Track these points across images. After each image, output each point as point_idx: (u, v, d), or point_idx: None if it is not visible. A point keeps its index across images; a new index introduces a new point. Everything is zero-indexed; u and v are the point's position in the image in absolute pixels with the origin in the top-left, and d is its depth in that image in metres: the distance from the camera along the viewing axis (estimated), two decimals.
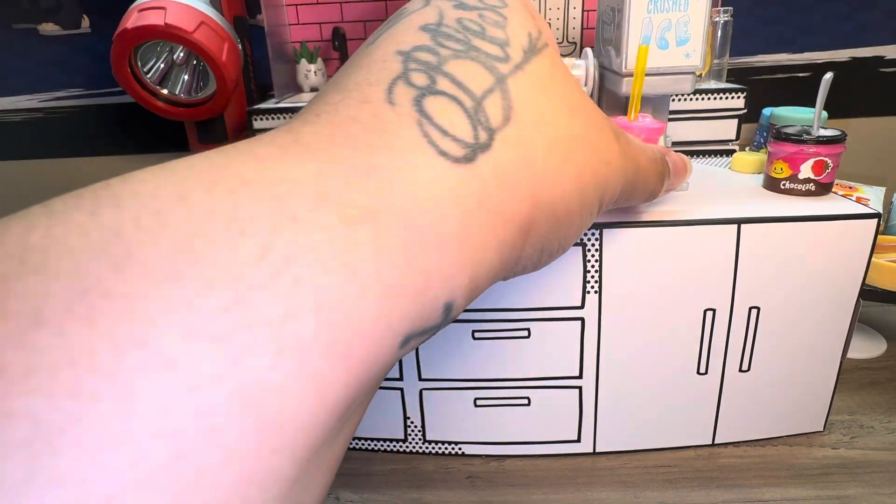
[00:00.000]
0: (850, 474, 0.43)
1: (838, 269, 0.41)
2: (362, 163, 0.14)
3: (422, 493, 0.43)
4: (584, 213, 0.21)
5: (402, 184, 0.14)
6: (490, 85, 0.18)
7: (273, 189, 0.12)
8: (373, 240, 0.13)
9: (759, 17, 0.85)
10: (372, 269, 0.13)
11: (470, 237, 0.16)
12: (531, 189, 0.18)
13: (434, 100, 0.16)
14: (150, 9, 0.87)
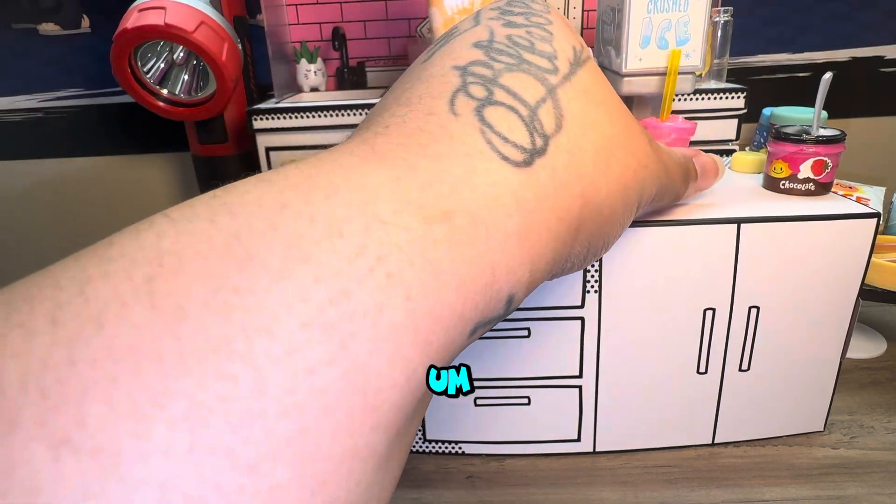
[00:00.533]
0: (849, 474, 0.43)
1: (838, 268, 0.41)
2: (434, 169, 0.15)
3: (422, 493, 0.43)
4: (626, 212, 0.23)
5: (471, 186, 0.16)
6: (543, 95, 0.19)
7: (360, 195, 0.14)
8: (448, 237, 0.14)
9: (759, 17, 0.85)
10: (448, 264, 0.14)
11: (529, 235, 0.17)
12: (581, 190, 0.19)
13: (493, 109, 0.18)
14: (150, 9, 0.87)
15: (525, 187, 0.17)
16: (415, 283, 0.13)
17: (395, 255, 0.13)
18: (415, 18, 1.29)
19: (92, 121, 1.35)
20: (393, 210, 0.14)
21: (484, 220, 0.15)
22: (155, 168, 1.40)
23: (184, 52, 1.05)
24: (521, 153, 0.17)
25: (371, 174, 0.14)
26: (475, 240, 0.15)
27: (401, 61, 1.30)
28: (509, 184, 0.17)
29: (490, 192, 0.16)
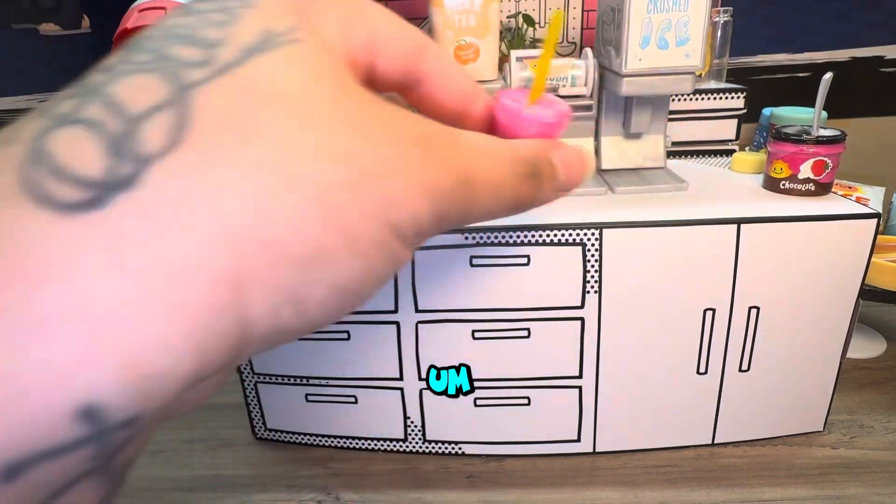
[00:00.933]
0: (849, 474, 0.43)
1: (838, 268, 0.41)
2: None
3: (422, 493, 0.43)
4: (361, 251, 0.16)
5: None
6: (161, 99, 0.13)
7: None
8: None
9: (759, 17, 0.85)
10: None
11: (102, 309, 0.12)
12: (227, 229, 0.13)
13: (64, 133, 0.13)
14: (150, 9, 0.87)
15: (80, 239, 0.12)
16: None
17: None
18: (415, 18, 1.29)
19: None
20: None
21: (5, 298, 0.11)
22: None
23: None
24: (81, 191, 0.12)
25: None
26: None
27: None
28: (51, 237, 0.12)
29: (17, 254, 0.11)
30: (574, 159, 0.27)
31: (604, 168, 0.52)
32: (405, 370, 0.45)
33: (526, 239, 0.40)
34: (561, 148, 0.27)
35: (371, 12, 0.20)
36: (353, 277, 0.17)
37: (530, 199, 0.25)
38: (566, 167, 0.27)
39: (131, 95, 0.13)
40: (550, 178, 0.26)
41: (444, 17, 0.43)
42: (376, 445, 0.48)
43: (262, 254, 0.14)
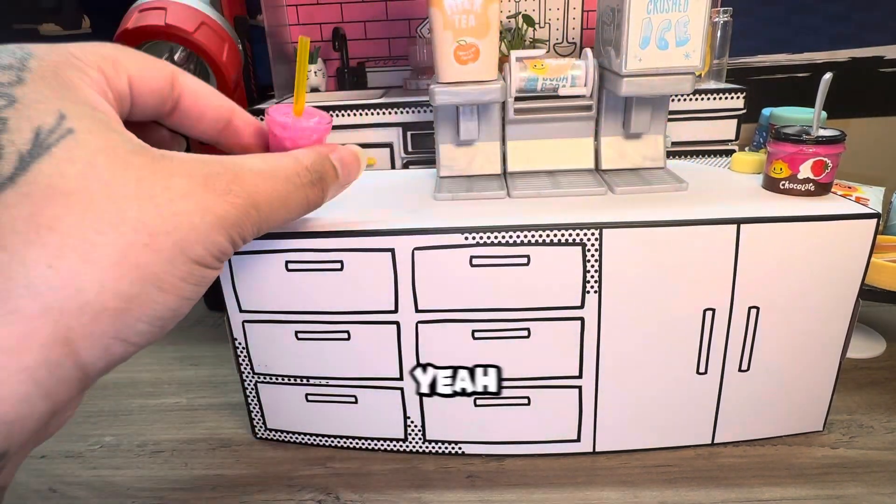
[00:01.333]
0: (849, 474, 0.43)
1: (838, 268, 0.41)
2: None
3: (422, 493, 0.44)
4: (168, 288, 0.21)
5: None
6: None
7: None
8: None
9: (758, 17, 0.85)
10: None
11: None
12: (46, 306, 0.17)
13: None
14: (150, 9, 0.87)
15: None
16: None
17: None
18: (415, 19, 1.29)
19: None
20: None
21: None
22: None
23: (184, 52, 1.05)
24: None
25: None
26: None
27: (401, 62, 1.30)
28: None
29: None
30: (349, 158, 0.33)
31: (604, 168, 0.52)
32: (405, 370, 0.45)
33: (526, 239, 0.40)
34: (337, 150, 0.32)
35: (123, 57, 0.24)
36: (166, 308, 0.21)
37: (319, 199, 0.30)
38: (344, 166, 0.32)
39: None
40: (334, 178, 0.31)
41: (443, 17, 0.44)
42: (376, 445, 0.48)
43: (81, 315, 0.18)
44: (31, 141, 0.18)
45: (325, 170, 0.30)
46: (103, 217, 0.18)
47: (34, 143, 0.18)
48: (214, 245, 0.22)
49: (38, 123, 0.18)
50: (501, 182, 0.50)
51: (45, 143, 0.18)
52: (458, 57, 0.45)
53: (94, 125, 0.19)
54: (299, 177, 0.28)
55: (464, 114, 0.49)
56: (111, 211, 0.18)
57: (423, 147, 1.09)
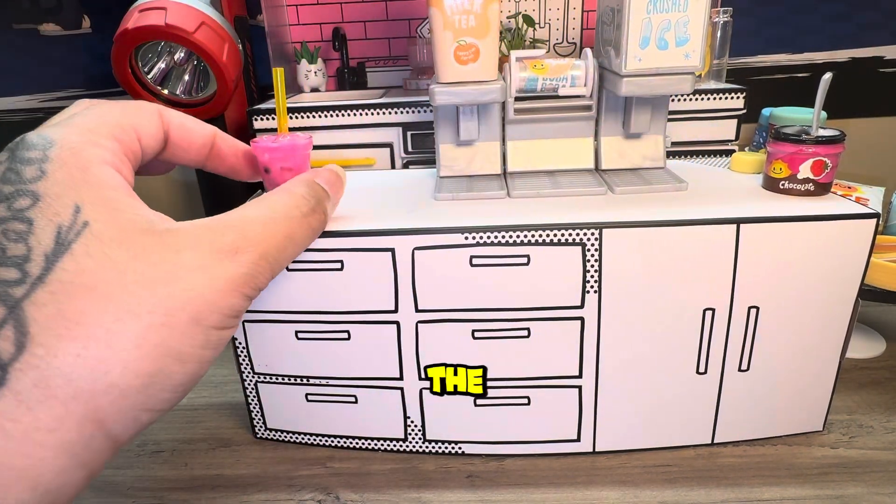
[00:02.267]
0: (849, 474, 0.43)
1: (837, 268, 0.41)
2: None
3: (422, 493, 0.44)
4: (188, 358, 0.23)
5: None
6: (1, 317, 0.19)
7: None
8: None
9: (758, 17, 0.86)
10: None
11: (12, 456, 0.18)
12: (78, 390, 0.19)
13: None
14: (150, 9, 0.87)
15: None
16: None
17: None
18: (415, 19, 1.29)
19: None
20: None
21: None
22: None
23: (184, 52, 1.05)
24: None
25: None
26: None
27: (401, 62, 1.30)
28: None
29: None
30: (332, 178, 0.35)
31: (604, 168, 0.52)
32: (405, 370, 0.45)
33: (526, 239, 0.40)
34: (318, 173, 0.34)
35: (131, 116, 0.27)
36: (187, 375, 0.23)
37: (322, 223, 0.32)
38: (331, 186, 0.34)
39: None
40: (327, 199, 0.33)
41: (443, 18, 0.44)
42: (376, 445, 0.48)
43: (109, 395, 0.20)
44: (54, 240, 0.20)
45: (318, 193, 0.32)
46: (121, 306, 0.20)
47: (56, 241, 0.20)
48: (230, 308, 0.24)
49: (59, 221, 0.21)
50: (501, 182, 0.50)
51: (66, 240, 0.20)
52: (458, 57, 0.45)
53: (106, 212, 0.21)
54: (299, 208, 0.30)
55: (464, 114, 0.49)
56: (128, 299, 0.21)
57: (423, 147, 1.09)
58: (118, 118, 0.26)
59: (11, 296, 0.19)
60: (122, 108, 0.27)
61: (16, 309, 0.19)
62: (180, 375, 0.23)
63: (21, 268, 0.20)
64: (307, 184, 0.32)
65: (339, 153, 1.07)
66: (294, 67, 1.24)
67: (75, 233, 0.20)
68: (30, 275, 0.19)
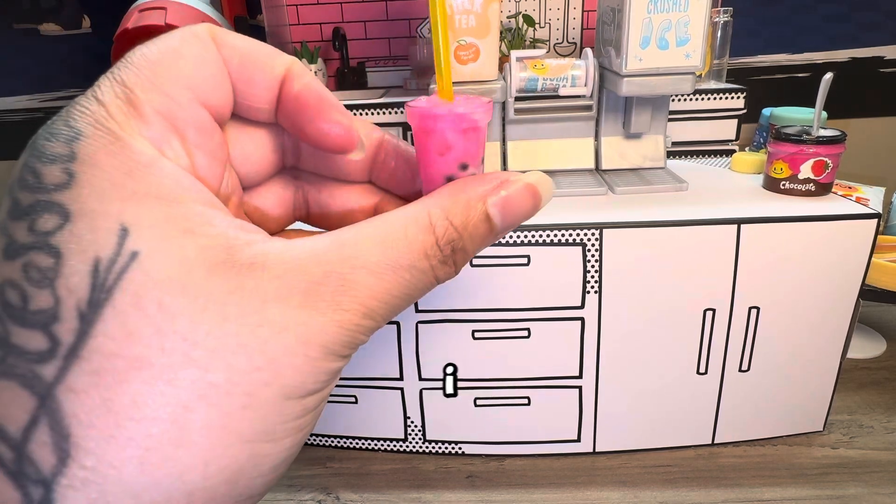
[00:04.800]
0: (849, 474, 0.43)
1: (838, 269, 0.41)
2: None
3: (422, 493, 0.43)
4: (281, 435, 0.17)
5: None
6: (32, 413, 0.14)
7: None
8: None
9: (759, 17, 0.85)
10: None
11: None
12: (143, 496, 0.14)
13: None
14: (150, 9, 0.87)
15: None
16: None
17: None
18: (415, 18, 1.29)
19: None
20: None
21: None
22: None
23: None
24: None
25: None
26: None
27: (401, 61, 1.30)
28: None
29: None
30: (519, 199, 0.21)
31: (604, 168, 0.52)
32: (405, 370, 0.45)
33: (526, 239, 0.40)
34: (500, 188, 0.20)
35: (169, 70, 0.17)
36: (284, 451, 0.17)
37: (449, 276, 0.20)
38: (507, 213, 0.20)
39: (3, 413, 0.13)
40: (481, 239, 0.20)
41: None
42: (376, 445, 0.48)
43: (189, 502, 0.15)
44: (90, 285, 0.14)
45: (466, 235, 0.20)
46: (187, 388, 0.15)
47: (93, 286, 0.14)
48: (324, 372, 0.17)
49: (95, 253, 0.14)
50: None
51: (106, 284, 0.14)
52: (458, 57, 0.45)
53: (164, 235, 0.15)
54: (428, 258, 0.19)
55: None
56: (196, 378, 0.15)
57: None
58: (169, 72, 0.17)
59: (41, 378, 0.14)
60: (166, 52, 0.18)
61: (48, 400, 0.14)
62: (274, 456, 0.17)
63: (49, 331, 0.14)
64: (462, 213, 0.20)
65: None
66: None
67: (118, 272, 0.14)
68: (61, 343, 0.14)
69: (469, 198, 0.19)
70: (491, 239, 0.19)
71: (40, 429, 0.13)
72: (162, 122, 0.16)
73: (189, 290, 0.15)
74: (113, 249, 0.14)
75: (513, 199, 0.20)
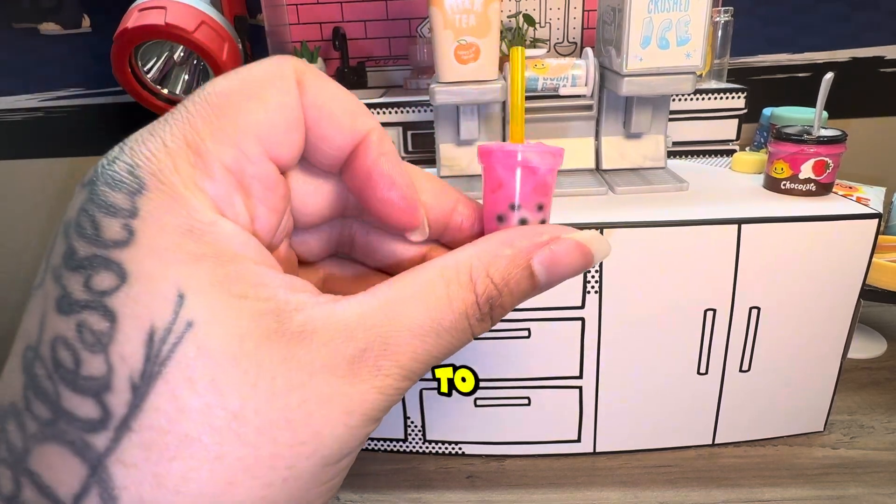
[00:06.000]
0: (850, 474, 0.43)
1: (839, 269, 0.41)
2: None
3: (422, 493, 0.43)
4: (314, 498, 0.17)
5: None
6: (83, 482, 0.14)
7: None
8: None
9: (759, 17, 0.85)
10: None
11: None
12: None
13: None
14: (150, 8, 0.87)
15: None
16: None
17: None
18: (415, 18, 1.29)
19: (92, 120, 1.35)
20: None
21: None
22: None
23: (184, 51, 1.05)
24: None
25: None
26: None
27: (401, 61, 1.30)
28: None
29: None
30: (566, 257, 0.20)
31: (604, 168, 0.52)
32: None
33: None
34: (550, 243, 0.20)
35: (237, 115, 0.17)
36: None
37: (484, 330, 0.19)
38: (553, 271, 0.20)
39: (53, 476, 0.14)
40: (521, 294, 0.19)
41: (444, 17, 0.43)
42: (376, 445, 0.48)
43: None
44: (144, 357, 0.14)
45: (506, 291, 0.19)
46: (234, 464, 0.15)
47: (146, 359, 0.14)
48: (361, 437, 0.17)
49: (151, 322, 0.14)
50: None
51: (160, 356, 0.14)
52: (458, 56, 0.45)
53: (220, 303, 0.15)
54: (468, 318, 0.19)
55: (464, 113, 0.49)
56: (243, 455, 0.15)
57: (424, 147, 1.09)
58: (245, 119, 0.17)
59: (92, 448, 0.14)
60: (246, 91, 0.17)
61: (100, 470, 0.14)
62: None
63: (101, 400, 0.14)
64: (506, 269, 0.19)
65: None
66: None
67: (172, 343, 0.14)
68: (113, 415, 0.14)
69: (515, 253, 0.19)
70: (533, 294, 0.19)
71: (91, 498, 0.13)
72: (228, 178, 0.16)
73: (241, 364, 0.15)
74: (169, 318, 0.14)
75: (560, 257, 0.19)
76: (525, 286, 0.19)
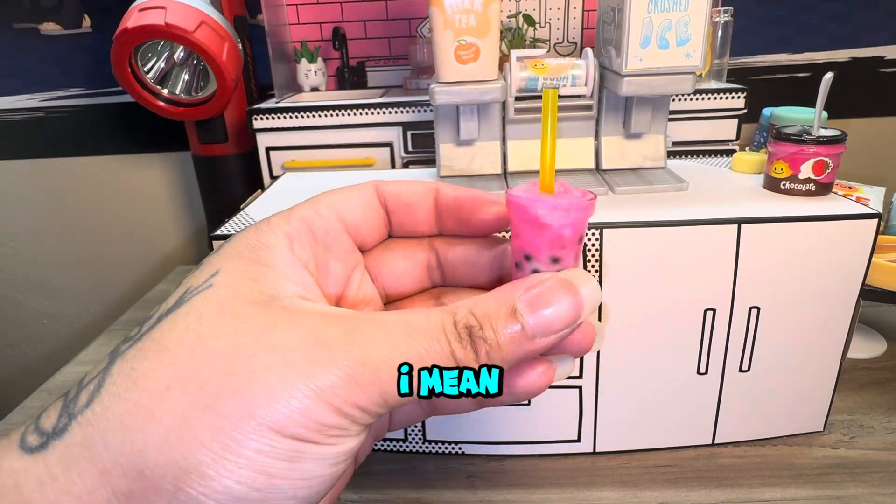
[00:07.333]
0: (849, 474, 0.43)
1: (838, 269, 0.41)
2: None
3: (422, 493, 0.43)
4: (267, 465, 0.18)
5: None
6: (102, 367, 0.19)
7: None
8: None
9: (759, 17, 0.86)
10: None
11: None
12: (118, 461, 0.17)
13: (67, 395, 0.19)
14: (150, 8, 0.87)
15: (27, 474, 0.17)
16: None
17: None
18: (415, 18, 1.29)
19: (92, 120, 1.35)
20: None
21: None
22: (155, 167, 1.40)
23: (184, 51, 1.05)
24: (38, 438, 0.17)
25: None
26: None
27: (401, 61, 1.30)
28: (15, 472, 0.17)
29: (5, 483, 0.17)
30: (548, 293, 0.20)
31: (604, 168, 0.52)
32: None
33: None
34: (537, 285, 0.20)
35: (329, 202, 0.24)
36: (303, 486, 0.18)
37: (469, 361, 0.20)
38: (534, 303, 0.20)
39: (93, 370, 0.19)
40: (503, 331, 0.20)
41: (443, 17, 0.43)
42: (376, 445, 0.48)
43: (148, 477, 0.17)
44: (177, 300, 0.20)
45: (487, 325, 0.20)
46: (204, 387, 0.18)
47: (178, 301, 0.20)
48: (311, 420, 0.18)
49: (192, 282, 0.21)
50: (502, 182, 0.50)
51: (184, 300, 0.20)
52: (458, 56, 0.45)
53: (236, 279, 0.20)
54: (444, 332, 0.20)
55: (464, 113, 0.49)
56: (192, 362, 0.18)
57: (424, 147, 1.09)
58: (327, 200, 0.24)
59: (119, 348, 0.19)
60: (338, 194, 0.25)
61: (115, 355, 0.19)
62: (295, 486, 0.18)
63: (142, 325, 0.20)
64: (490, 307, 0.20)
65: (339, 153, 1.07)
66: (294, 67, 1.24)
67: (194, 293, 0.20)
68: (141, 331, 0.19)
69: (500, 294, 0.20)
70: (526, 341, 0.20)
71: (95, 379, 0.18)
72: (301, 223, 0.23)
73: (226, 310, 0.19)
74: (202, 281, 0.20)
75: (542, 295, 0.20)
76: (510, 324, 0.20)
